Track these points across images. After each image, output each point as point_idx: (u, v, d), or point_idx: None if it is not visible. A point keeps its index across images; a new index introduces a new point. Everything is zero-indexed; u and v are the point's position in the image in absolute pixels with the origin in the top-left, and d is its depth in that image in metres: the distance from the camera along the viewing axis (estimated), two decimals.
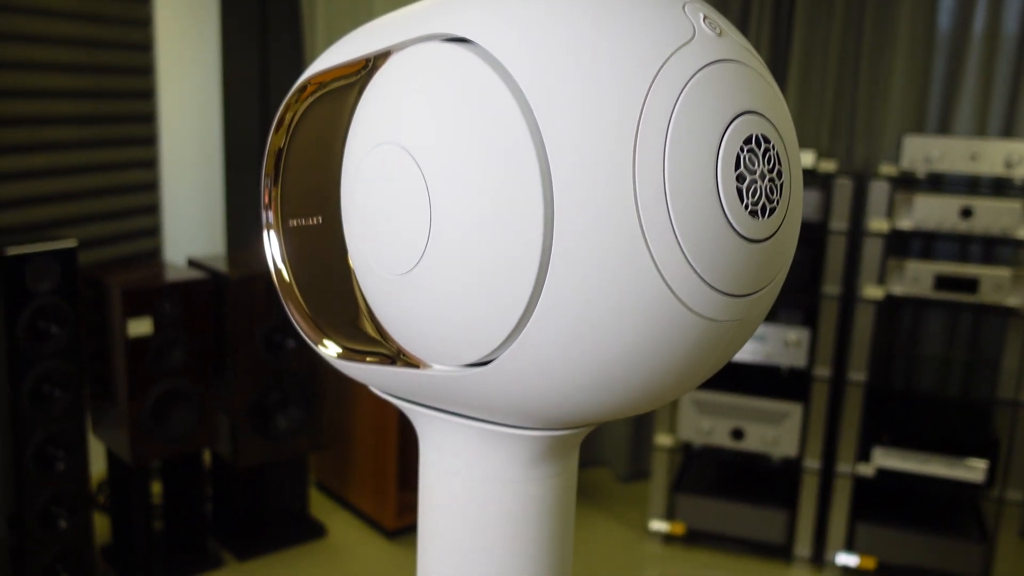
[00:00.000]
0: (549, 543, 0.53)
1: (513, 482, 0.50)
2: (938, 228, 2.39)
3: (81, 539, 2.23)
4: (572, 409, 0.45)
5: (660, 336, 0.42)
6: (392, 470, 2.66)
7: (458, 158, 0.41)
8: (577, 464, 0.55)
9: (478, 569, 0.52)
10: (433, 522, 0.54)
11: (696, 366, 0.44)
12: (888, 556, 2.55)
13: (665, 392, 0.45)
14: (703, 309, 0.42)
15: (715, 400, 2.65)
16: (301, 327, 0.53)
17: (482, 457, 0.50)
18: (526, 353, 0.42)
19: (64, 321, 2.13)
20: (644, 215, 0.40)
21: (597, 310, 0.40)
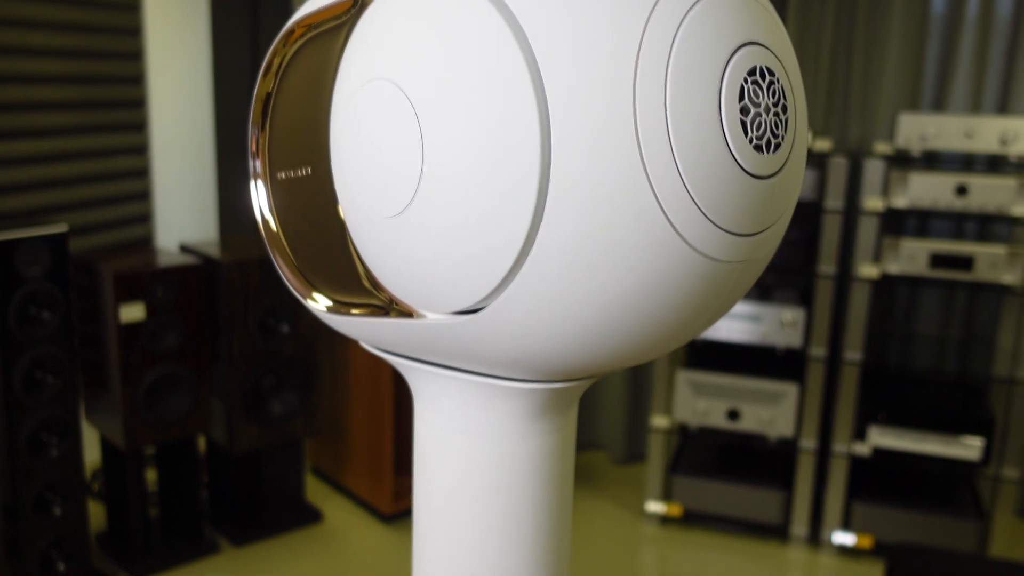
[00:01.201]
0: (548, 501, 0.52)
1: (511, 438, 0.49)
2: (933, 206, 2.38)
3: (76, 526, 2.21)
4: (571, 358, 0.43)
5: (662, 276, 0.40)
6: (388, 455, 2.65)
7: (450, 91, 0.40)
8: (576, 420, 0.54)
9: (475, 529, 0.51)
10: (428, 482, 0.53)
11: (699, 310, 0.43)
12: (884, 534, 2.55)
13: (667, 339, 0.44)
14: (707, 248, 0.40)
15: (711, 381, 2.64)
16: (289, 281, 0.51)
17: (478, 412, 0.49)
18: (523, 296, 0.41)
19: (55, 306, 2.11)
20: (645, 149, 0.38)
21: (596, 248, 0.39)
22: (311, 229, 0.49)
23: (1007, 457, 2.46)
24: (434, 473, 0.52)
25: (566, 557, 0.54)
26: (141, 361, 2.24)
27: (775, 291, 2.76)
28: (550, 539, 0.52)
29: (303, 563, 2.49)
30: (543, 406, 0.49)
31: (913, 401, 2.56)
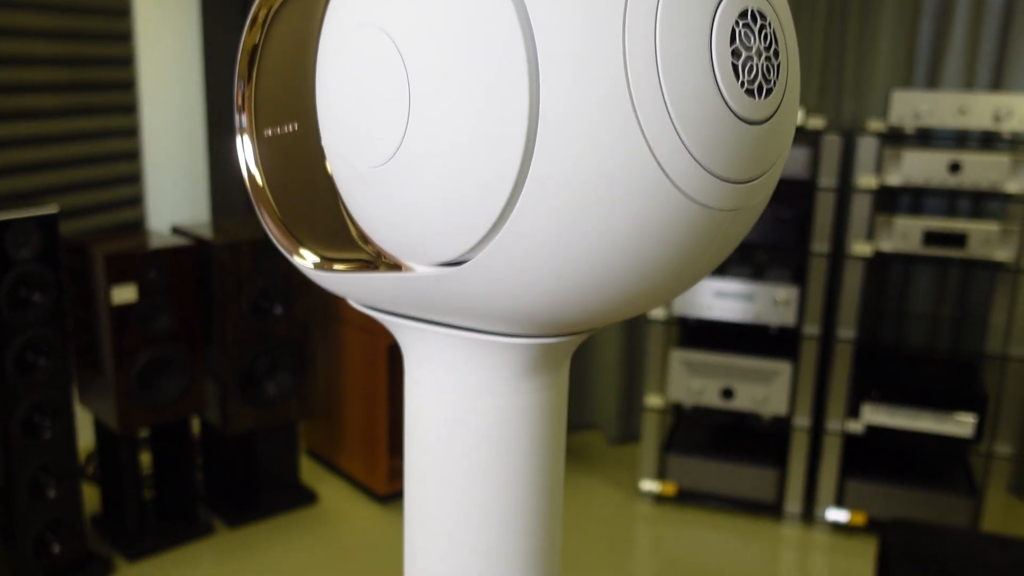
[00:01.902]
0: (539, 458, 0.51)
1: (502, 395, 0.49)
2: (927, 183, 2.38)
3: (71, 508, 2.21)
4: (561, 309, 0.43)
5: (652, 224, 0.40)
6: (383, 436, 2.65)
7: (437, 36, 0.39)
8: (568, 378, 0.54)
9: (466, 486, 0.51)
10: (419, 441, 0.52)
11: (692, 259, 0.42)
12: (878, 511, 2.56)
13: (658, 289, 0.43)
14: (699, 195, 0.40)
15: (705, 360, 2.64)
16: (276, 237, 0.51)
17: (469, 369, 0.49)
18: (511, 245, 0.40)
19: (47, 288, 2.10)
20: (635, 92, 0.38)
21: (586, 195, 0.39)
22: (298, 185, 0.49)
23: (999, 434, 2.47)
24: (425, 432, 0.52)
25: (558, 515, 0.54)
26: (134, 343, 2.24)
27: (768, 270, 2.76)
28: (542, 497, 0.52)
29: (299, 544, 2.50)
30: (535, 362, 0.49)
31: (906, 378, 2.57)
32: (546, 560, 0.53)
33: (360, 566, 2.41)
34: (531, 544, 0.52)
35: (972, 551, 1.89)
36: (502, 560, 0.52)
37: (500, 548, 0.51)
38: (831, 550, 2.56)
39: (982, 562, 1.85)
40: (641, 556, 2.54)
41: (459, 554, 0.52)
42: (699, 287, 2.62)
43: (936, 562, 1.85)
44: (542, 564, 0.53)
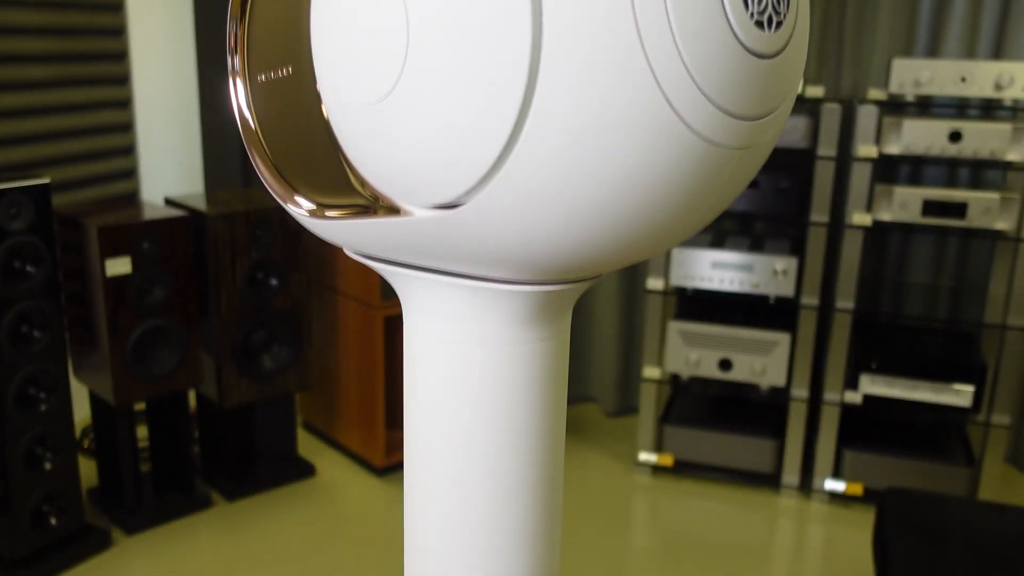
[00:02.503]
0: (541, 409, 0.50)
1: (503, 345, 0.48)
2: (927, 152, 2.37)
3: (67, 481, 2.21)
4: (564, 252, 0.42)
5: (658, 162, 0.38)
6: (380, 408, 2.65)
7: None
8: (569, 330, 0.52)
9: (466, 438, 0.50)
10: (418, 394, 0.51)
11: (699, 199, 0.41)
12: (875, 482, 2.57)
13: (662, 233, 0.42)
14: (707, 131, 0.39)
15: (703, 331, 2.64)
16: (270, 184, 0.49)
17: (469, 318, 0.47)
18: (513, 184, 0.39)
19: (40, 260, 2.08)
20: (641, 23, 0.36)
21: (589, 131, 0.37)
22: (292, 130, 0.47)
23: (997, 404, 2.47)
24: (424, 384, 0.50)
25: (559, 466, 0.53)
26: (129, 315, 2.22)
27: (767, 240, 2.75)
28: (544, 447, 0.51)
29: (297, 516, 2.50)
30: (537, 311, 0.47)
31: (904, 349, 2.56)
32: (548, 512, 0.52)
33: (358, 538, 2.41)
34: (532, 495, 0.51)
35: (969, 518, 1.89)
36: (503, 512, 0.51)
37: (501, 499, 0.50)
38: (828, 520, 2.56)
39: (979, 529, 1.85)
40: (639, 527, 2.55)
41: (459, 505, 0.51)
42: (697, 258, 2.60)
43: (933, 529, 1.86)
44: (544, 516, 0.52)
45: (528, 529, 0.52)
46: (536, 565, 0.53)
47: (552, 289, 0.46)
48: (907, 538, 1.83)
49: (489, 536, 0.51)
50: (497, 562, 0.51)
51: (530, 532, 0.52)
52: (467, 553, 0.52)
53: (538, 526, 0.53)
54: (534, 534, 0.53)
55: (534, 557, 0.52)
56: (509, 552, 0.51)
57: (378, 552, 2.34)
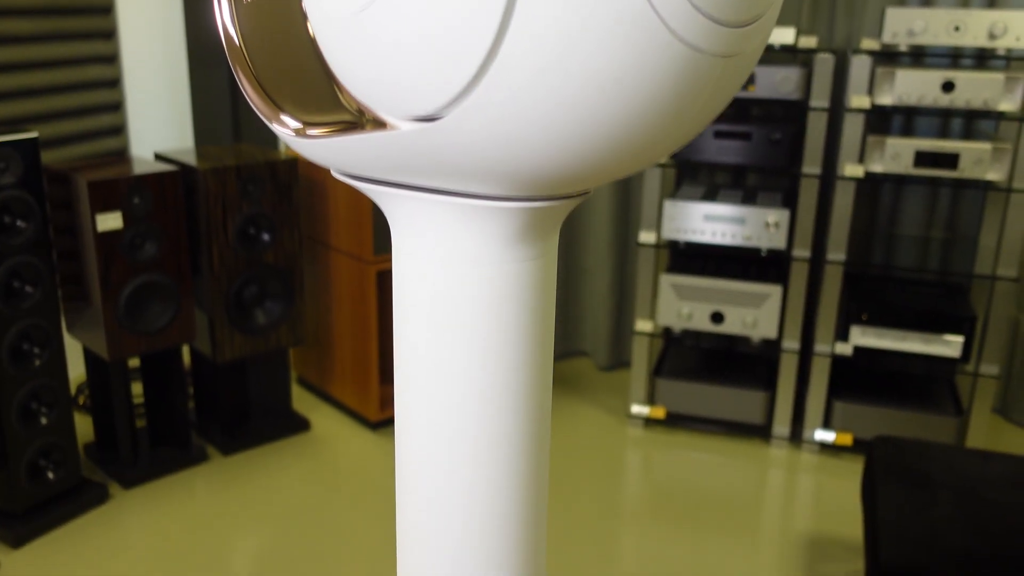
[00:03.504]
0: (529, 330, 0.51)
1: (490, 264, 0.48)
2: (919, 103, 2.36)
3: (63, 435, 2.22)
4: (549, 164, 0.42)
5: (642, 68, 0.38)
6: (374, 363, 2.66)
7: None
8: (557, 251, 0.53)
9: (455, 360, 0.50)
10: (407, 316, 0.52)
11: (683, 110, 0.41)
12: (864, 432, 2.60)
13: (646, 144, 0.42)
14: (691, 37, 0.39)
15: (695, 284, 2.64)
16: (255, 103, 0.49)
17: (457, 237, 0.47)
18: (496, 92, 0.39)
19: (30, 215, 2.07)
20: None
21: (573, 36, 0.37)
22: (278, 48, 0.47)
23: (986, 354, 2.49)
24: (413, 305, 0.51)
25: (547, 388, 0.53)
26: (121, 271, 2.22)
27: (759, 193, 2.75)
28: (530, 368, 0.51)
29: (292, 470, 2.52)
30: (524, 229, 0.47)
31: (895, 301, 2.58)
32: (535, 433, 0.53)
33: (353, 491, 2.44)
34: (520, 416, 0.52)
35: (956, 465, 1.92)
36: (491, 432, 0.51)
37: (489, 420, 0.51)
38: (818, 470, 2.60)
39: (966, 474, 1.88)
40: (631, 479, 2.58)
41: (448, 427, 0.51)
42: (689, 211, 2.60)
43: (921, 475, 1.88)
44: (531, 436, 0.53)
45: (515, 448, 0.53)
46: (524, 481, 0.53)
47: (539, 206, 0.46)
48: (895, 483, 1.85)
49: (477, 455, 0.52)
50: (486, 478, 0.52)
51: (517, 451, 0.53)
52: (455, 473, 0.52)
53: (525, 446, 0.53)
54: (520, 454, 0.53)
55: (522, 473, 0.53)
56: (495, 468, 0.52)
57: (372, 504, 2.37)
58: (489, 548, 0.55)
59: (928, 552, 1.63)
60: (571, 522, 2.31)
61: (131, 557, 2.12)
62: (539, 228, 0.48)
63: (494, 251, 0.48)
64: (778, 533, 2.28)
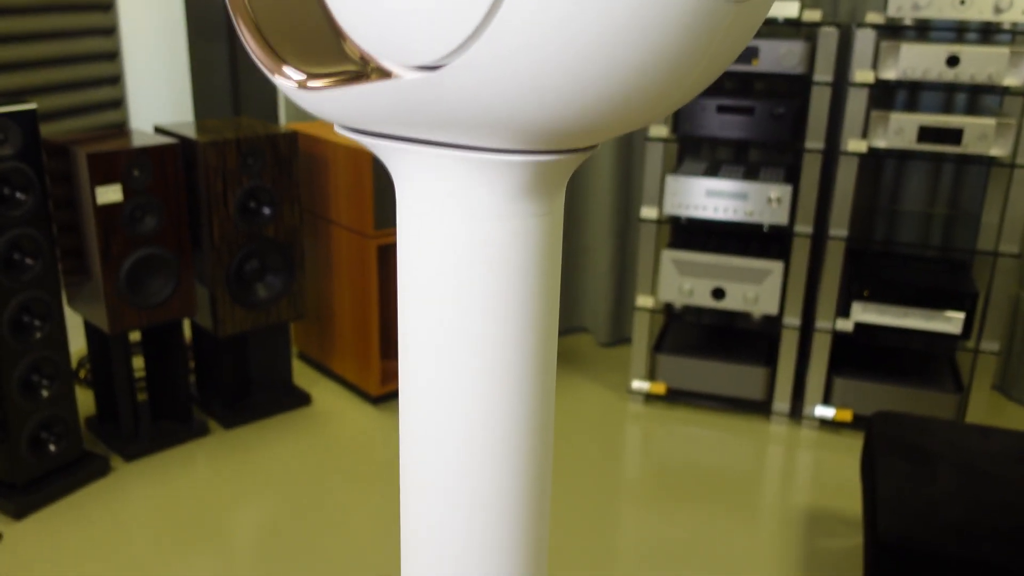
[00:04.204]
0: (535, 288, 0.50)
1: (496, 219, 0.47)
2: (924, 77, 2.34)
3: (65, 408, 2.22)
4: (554, 115, 0.41)
5: (651, 14, 0.38)
6: (374, 338, 2.66)
7: None
8: (563, 209, 0.52)
9: (460, 316, 0.50)
10: (413, 274, 0.51)
11: (691, 59, 0.40)
12: (864, 408, 2.60)
13: (654, 93, 0.41)
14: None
15: (696, 260, 2.64)
16: (257, 55, 0.48)
17: (462, 191, 0.47)
18: (502, 40, 0.38)
19: (29, 187, 2.06)
20: None
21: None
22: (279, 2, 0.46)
23: (987, 330, 2.49)
24: (418, 263, 0.50)
25: (553, 347, 0.53)
26: (121, 244, 2.21)
27: (762, 169, 2.73)
28: (535, 324, 0.51)
29: (293, 444, 2.53)
30: (529, 184, 0.47)
31: (897, 277, 2.57)
32: (541, 388, 0.53)
33: (354, 465, 2.44)
34: (526, 371, 0.51)
35: (956, 440, 1.92)
36: (497, 386, 0.51)
37: (495, 374, 0.51)
38: (818, 446, 2.60)
39: (965, 450, 1.88)
40: (631, 455, 2.58)
41: (454, 382, 0.51)
42: (691, 186, 2.59)
43: (920, 450, 1.89)
44: (537, 390, 0.53)
45: (521, 401, 0.52)
46: (530, 437, 0.53)
47: (546, 159, 0.46)
48: (895, 458, 1.86)
49: (483, 409, 0.52)
50: (493, 431, 0.52)
51: (523, 404, 0.53)
52: (460, 428, 0.52)
53: (531, 401, 0.53)
54: (527, 408, 0.53)
55: (528, 428, 0.53)
56: (502, 420, 0.52)
57: (373, 478, 2.37)
58: (494, 513, 0.55)
59: (927, 526, 1.64)
60: (571, 497, 2.32)
61: (133, 529, 2.13)
62: (546, 183, 0.48)
63: (500, 206, 0.47)
64: (777, 508, 2.29)
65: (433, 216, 0.49)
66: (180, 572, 1.98)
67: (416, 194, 0.49)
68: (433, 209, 0.49)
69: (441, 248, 0.49)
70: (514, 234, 0.48)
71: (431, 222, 0.49)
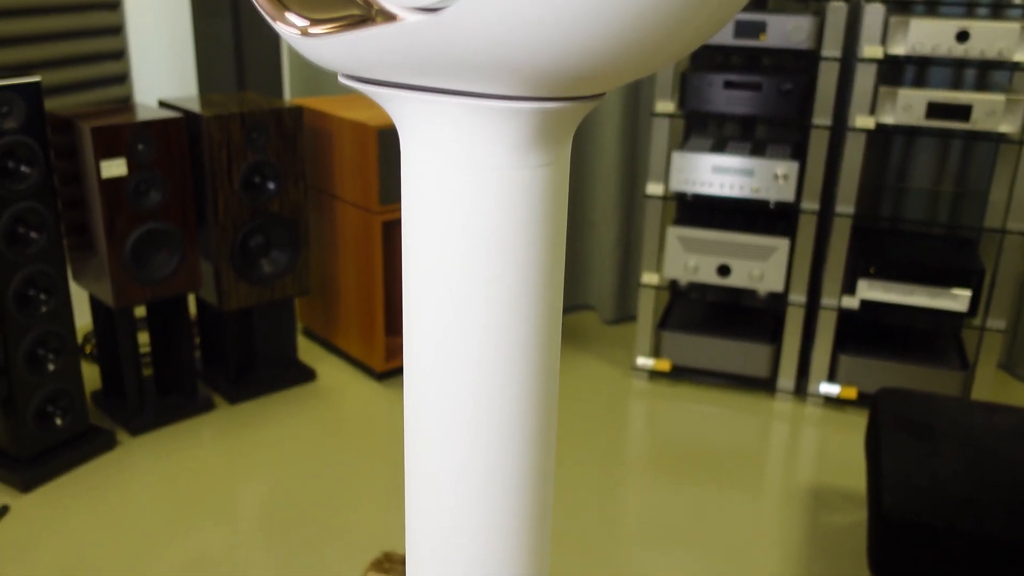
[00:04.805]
0: (540, 242, 0.50)
1: (501, 169, 0.47)
2: (933, 52, 2.32)
3: (71, 381, 2.23)
4: (561, 58, 0.40)
5: None
6: (379, 314, 2.66)
7: None
8: (569, 160, 0.52)
9: (464, 271, 0.49)
10: (417, 231, 0.51)
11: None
12: (869, 386, 2.60)
13: (665, 35, 0.40)
14: None
15: (702, 237, 2.63)
16: (259, 2, 0.48)
17: (467, 139, 0.46)
18: None
19: (34, 160, 2.06)
20: None
21: None
22: None
23: (994, 308, 2.48)
24: (422, 216, 0.50)
25: (558, 302, 0.53)
26: (125, 218, 2.21)
27: (769, 145, 2.72)
28: (541, 278, 0.50)
29: (298, 418, 2.53)
30: (535, 132, 0.46)
31: (903, 254, 2.56)
32: (546, 341, 0.53)
33: (358, 440, 2.45)
34: (532, 325, 0.51)
35: (960, 416, 1.92)
36: (502, 341, 0.51)
37: (500, 329, 0.50)
38: (822, 423, 2.60)
39: (970, 426, 1.88)
40: (635, 431, 2.59)
41: (458, 337, 0.51)
42: (698, 162, 2.58)
43: (925, 426, 1.88)
44: (542, 344, 0.52)
45: (526, 354, 0.52)
46: (534, 392, 0.53)
47: (552, 107, 0.45)
48: (899, 434, 1.86)
49: (488, 366, 0.52)
50: (498, 386, 0.52)
51: (528, 358, 0.52)
52: (464, 384, 0.52)
53: (537, 355, 0.53)
54: (532, 362, 0.53)
55: (533, 384, 0.53)
56: (506, 374, 0.52)
57: (377, 452, 2.38)
58: (498, 475, 0.54)
59: (932, 501, 1.64)
60: (575, 473, 2.32)
61: (139, 502, 2.14)
62: (552, 132, 0.47)
63: (506, 155, 0.47)
64: (781, 485, 2.29)
65: (438, 167, 0.48)
66: (186, 544, 1.99)
67: (421, 145, 0.49)
68: (438, 159, 0.48)
69: (446, 199, 0.49)
70: (521, 183, 0.48)
71: (436, 173, 0.49)
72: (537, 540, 0.57)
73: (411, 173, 0.50)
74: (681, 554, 2.00)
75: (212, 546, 1.98)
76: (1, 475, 2.17)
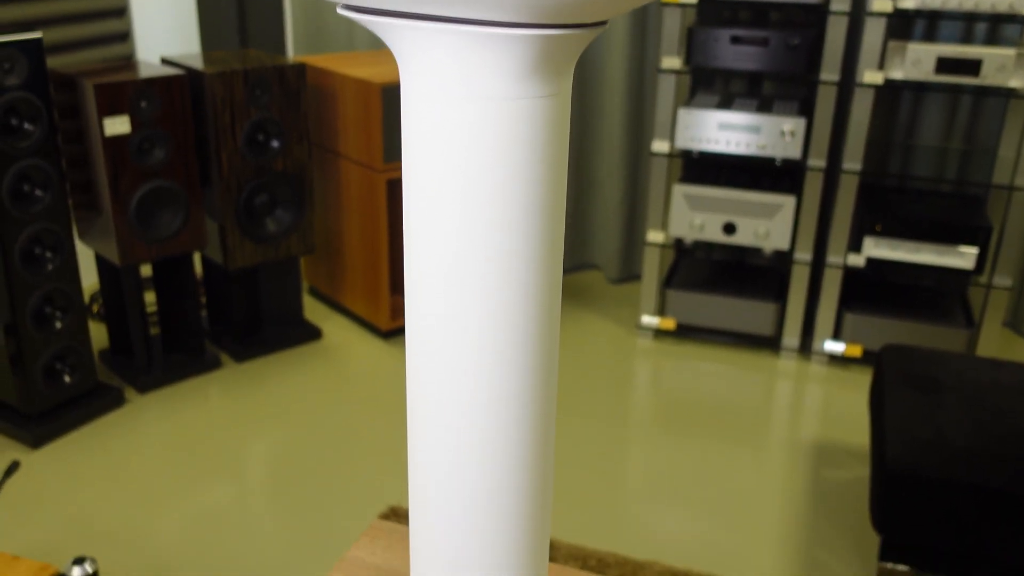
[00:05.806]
0: (541, 173, 0.50)
1: (503, 99, 0.46)
2: (943, 6, 2.29)
3: (78, 339, 2.24)
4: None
5: None
6: (384, 273, 2.66)
7: None
8: (571, 92, 0.51)
9: (465, 205, 0.49)
10: (417, 163, 0.51)
11: None
12: (873, 343, 2.60)
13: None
14: None
15: (707, 195, 2.62)
16: None
17: (468, 68, 0.46)
18: None
19: (37, 117, 2.05)
20: None
21: None
22: None
23: (1000, 265, 2.47)
24: (422, 150, 0.50)
25: (559, 236, 0.53)
26: (130, 176, 2.21)
27: (776, 102, 2.69)
28: (542, 210, 0.50)
29: (305, 376, 2.55)
30: (536, 61, 0.46)
31: (910, 212, 2.55)
32: (547, 275, 0.53)
33: (364, 395, 2.47)
34: (532, 255, 0.51)
35: (965, 372, 1.92)
36: (503, 275, 0.51)
37: (499, 267, 0.50)
38: (827, 380, 2.61)
39: (975, 381, 1.88)
40: (640, 389, 2.60)
41: (459, 273, 0.51)
42: (704, 119, 2.56)
43: (929, 381, 1.89)
44: (542, 278, 0.52)
45: (528, 290, 0.52)
46: (535, 335, 0.53)
47: (553, 34, 0.45)
48: (904, 388, 1.86)
49: (492, 303, 0.51)
50: (500, 329, 0.52)
51: (530, 295, 0.52)
52: (467, 327, 0.52)
53: (538, 294, 0.53)
54: (534, 301, 0.53)
55: (533, 324, 0.53)
56: (507, 314, 0.52)
57: (382, 410, 2.40)
58: (498, 428, 0.55)
59: (934, 452, 1.64)
60: (580, 432, 2.33)
61: (147, 458, 2.16)
62: (554, 62, 0.47)
63: (506, 85, 0.47)
64: (785, 441, 2.31)
65: (438, 98, 0.48)
66: (194, 500, 2.01)
67: (420, 76, 0.48)
68: (438, 90, 0.48)
69: (446, 130, 0.49)
70: (522, 113, 0.48)
71: (436, 105, 0.48)
72: (539, 493, 0.58)
73: (411, 109, 0.50)
74: (685, 510, 2.02)
75: (219, 501, 2.01)
76: (11, 432, 2.19)
